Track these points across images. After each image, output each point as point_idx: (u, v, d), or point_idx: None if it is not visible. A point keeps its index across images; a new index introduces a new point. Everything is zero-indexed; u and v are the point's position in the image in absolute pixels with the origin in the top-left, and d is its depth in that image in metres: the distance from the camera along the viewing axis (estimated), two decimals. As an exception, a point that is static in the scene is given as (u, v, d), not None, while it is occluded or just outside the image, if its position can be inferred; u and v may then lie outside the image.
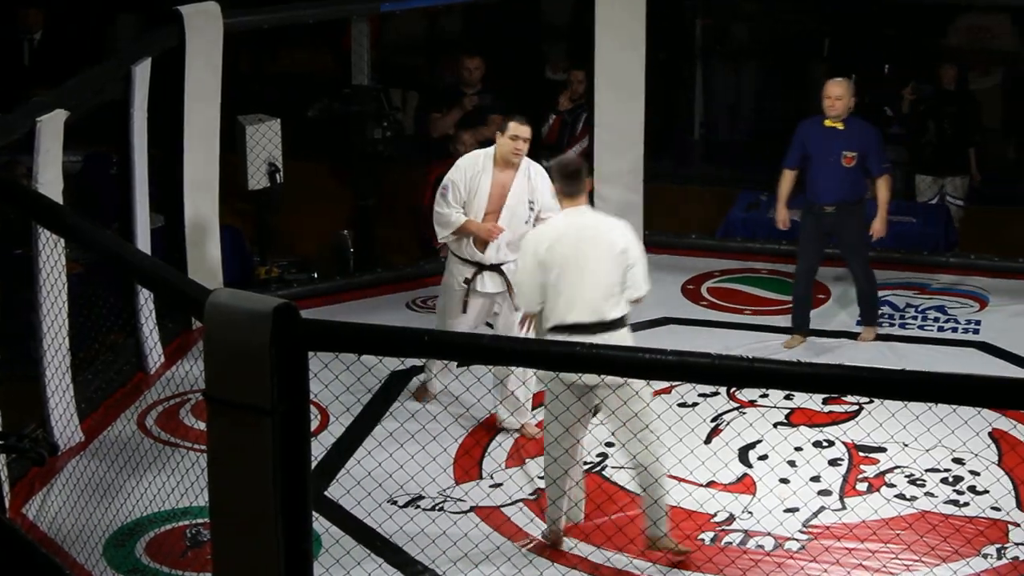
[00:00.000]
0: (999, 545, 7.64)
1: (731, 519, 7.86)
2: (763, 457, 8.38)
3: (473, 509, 7.96)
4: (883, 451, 8.38)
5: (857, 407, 8.77)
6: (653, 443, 7.44)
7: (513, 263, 8.50)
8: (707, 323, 10.08)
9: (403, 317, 10.12)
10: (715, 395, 8.94)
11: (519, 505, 8.01)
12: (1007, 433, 8.56)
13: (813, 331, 9.80)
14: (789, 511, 7.87)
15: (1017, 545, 7.62)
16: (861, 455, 8.41)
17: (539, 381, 8.28)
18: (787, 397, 8.87)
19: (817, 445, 8.49)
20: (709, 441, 8.51)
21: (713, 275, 10.78)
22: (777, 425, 8.69)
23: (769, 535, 7.71)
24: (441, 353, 7.11)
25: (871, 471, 8.27)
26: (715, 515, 7.85)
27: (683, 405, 8.75)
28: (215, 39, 9.65)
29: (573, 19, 13.10)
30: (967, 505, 7.97)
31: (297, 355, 5.59)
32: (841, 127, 9.46)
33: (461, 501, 8.02)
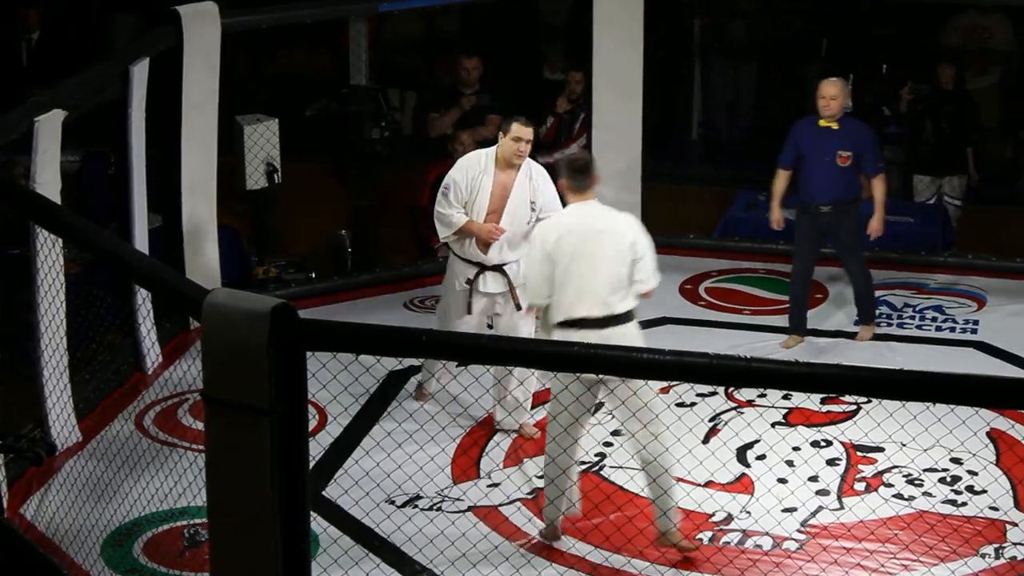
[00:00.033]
0: (997, 545, 7.64)
1: (729, 519, 7.86)
2: (761, 457, 8.38)
3: (471, 509, 7.96)
4: (881, 451, 8.38)
5: (855, 407, 8.77)
6: (663, 433, 7.47)
7: (515, 263, 8.50)
8: (705, 323, 10.08)
9: (401, 317, 10.12)
10: (713, 395, 8.94)
11: (517, 505, 8.01)
12: (1005, 433, 8.56)
13: (811, 331, 9.79)
14: (787, 511, 7.87)
15: (1015, 545, 7.62)
16: (859, 455, 8.40)
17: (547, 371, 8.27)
18: (785, 397, 8.87)
19: (815, 445, 8.48)
20: (707, 441, 8.51)
21: (711, 275, 10.78)
22: (775, 425, 8.69)
23: (767, 535, 7.71)
24: (439, 353, 7.10)
25: (869, 471, 8.27)
26: (713, 515, 7.85)
27: (681, 405, 8.74)
28: (213, 39, 9.64)
29: (571, 19, 13.09)
30: (965, 505, 7.96)
31: (295, 355, 5.59)
32: (836, 127, 9.46)
33: (459, 501, 8.02)
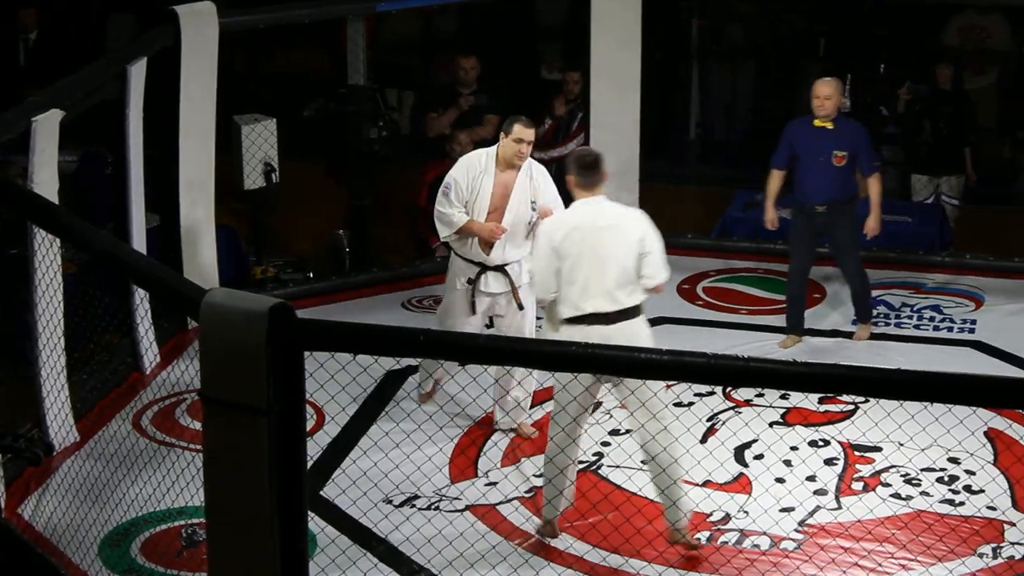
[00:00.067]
0: (995, 544, 7.64)
1: (727, 518, 7.85)
2: (759, 456, 8.38)
3: (469, 508, 7.95)
4: (879, 450, 8.38)
5: (853, 407, 8.77)
6: (672, 423, 7.49)
7: (517, 264, 8.48)
8: (703, 323, 10.07)
9: (399, 317, 10.11)
10: (711, 395, 8.94)
11: (515, 504, 8.00)
12: (1003, 432, 8.56)
13: (808, 331, 9.78)
14: (785, 510, 7.87)
15: (1013, 544, 7.62)
16: (857, 454, 8.40)
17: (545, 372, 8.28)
18: (783, 397, 8.87)
19: (813, 444, 8.48)
20: (705, 441, 8.51)
21: (709, 275, 10.78)
22: (773, 425, 8.69)
23: (765, 534, 7.71)
24: (437, 353, 7.09)
25: (867, 470, 8.26)
26: (711, 515, 7.85)
27: (679, 404, 8.73)
28: (211, 39, 9.64)
29: (568, 19, 13.10)
30: (963, 504, 7.96)
31: (293, 355, 5.59)
32: (831, 127, 9.46)
33: (457, 500, 8.01)
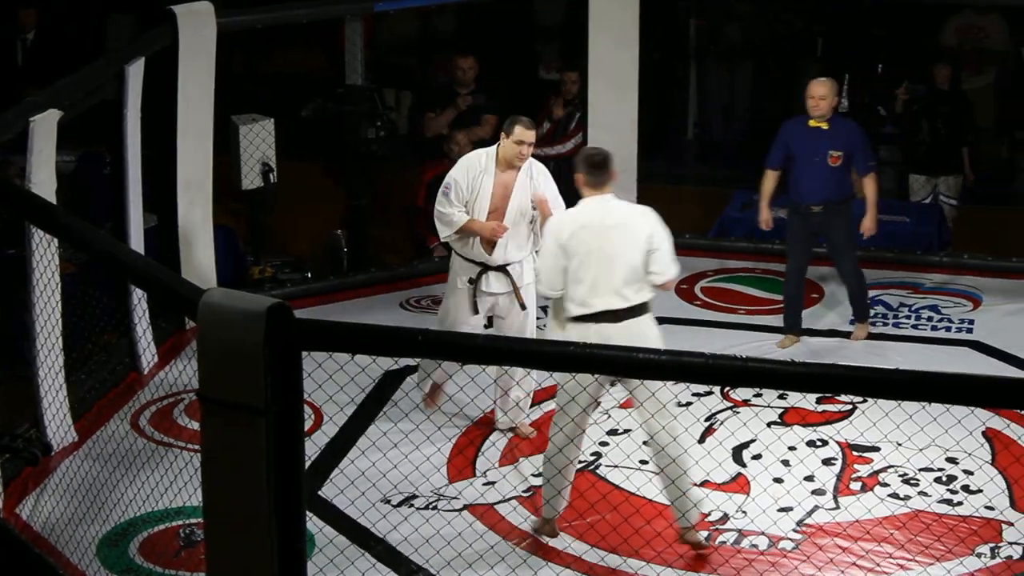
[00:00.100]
0: (993, 544, 7.64)
1: (725, 518, 7.85)
2: (757, 456, 8.38)
3: (467, 508, 7.95)
4: (877, 450, 8.38)
5: (851, 406, 8.77)
6: (681, 433, 7.49)
7: (518, 264, 8.47)
8: (701, 323, 10.07)
9: (397, 317, 10.11)
10: (709, 394, 8.94)
11: (513, 503, 8.00)
12: (1000, 432, 8.56)
13: (806, 330, 9.79)
14: (783, 510, 7.87)
15: (1011, 544, 7.62)
16: (855, 454, 8.40)
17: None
18: (781, 396, 8.87)
19: (811, 444, 8.49)
20: (703, 440, 8.51)
21: (707, 275, 10.77)
22: (771, 424, 8.69)
23: (763, 534, 7.71)
24: (435, 353, 7.09)
25: (865, 470, 8.27)
26: (709, 514, 7.84)
27: (677, 404, 8.72)
28: (208, 39, 9.64)
29: (566, 19, 13.11)
30: (961, 504, 7.96)
31: (291, 355, 5.59)
32: (826, 127, 9.46)
33: (455, 500, 8.01)
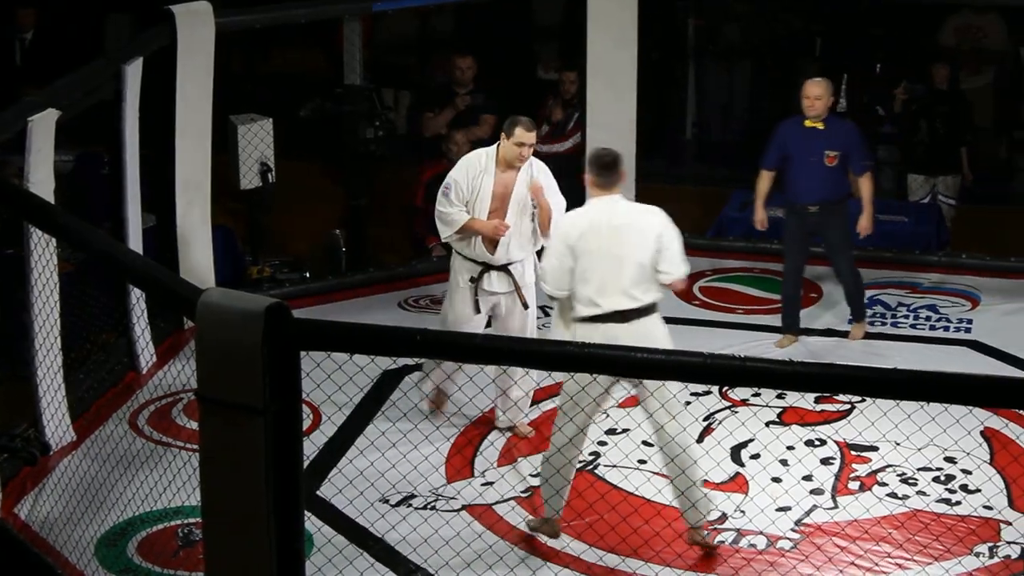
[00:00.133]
0: (991, 544, 7.64)
1: (723, 518, 7.85)
2: (755, 456, 8.38)
3: (465, 508, 7.95)
4: (875, 450, 8.38)
5: (849, 406, 8.77)
6: (687, 432, 7.50)
7: (520, 263, 8.46)
8: (699, 322, 10.07)
9: (395, 316, 10.11)
10: (707, 394, 8.94)
11: (511, 503, 8.00)
12: (998, 432, 8.55)
13: (804, 330, 9.79)
14: (781, 510, 7.87)
15: (1009, 543, 7.62)
16: (853, 454, 8.41)
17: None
18: (779, 396, 8.87)
19: (809, 444, 8.49)
20: (701, 440, 8.49)
21: (705, 274, 10.77)
22: (769, 424, 8.70)
23: (761, 534, 7.71)
24: (433, 352, 7.09)
25: (863, 470, 8.27)
26: (707, 514, 7.84)
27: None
28: (207, 38, 9.64)
29: (564, 19, 13.11)
30: (959, 504, 7.96)
31: (289, 354, 5.59)
32: (821, 127, 9.46)
33: (453, 500, 8.01)
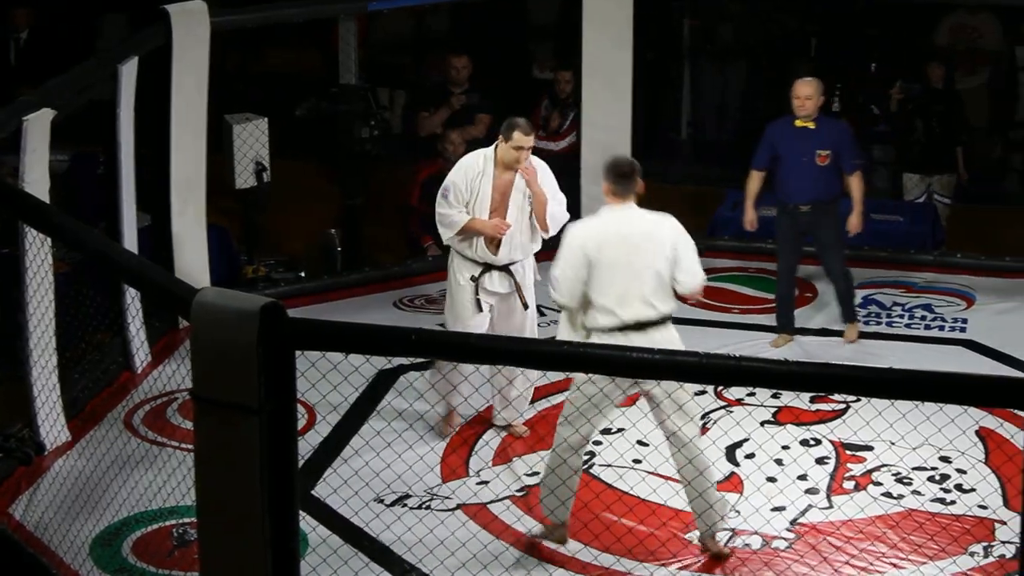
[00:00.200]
0: (986, 543, 7.65)
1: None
2: (750, 455, 8.38)
3: (460, 507, 7.95)
4: (870, 449, 8.39)
5: (844, 406, 8.77)
6: (699, 437, 7.49)
7: (520, 263, 8.46)
8: (694, 322, 10.05)
9: (390, 316, 10.11)
10: (702, 394, 8.94)
11: (506, 503, 8.00)
12: (993, 431, 8.57)
13: (799, 330, 9.79)
14: (776, 509, 7.87)
15: (1004, 543, 7.62)
16: (848, 453, 8.41)
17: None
18: (774, 396, 8.87)
19: (804, 443, 8.49)
20: (697, 440, 8.51)
21: (700, 274, 10.76)
22: (764, 424, 8.70)
23: (756, 533, 7.71)
24: (428, 352, 7.09)
25: (858, 469, 8.27)
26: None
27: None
28: (202, 38, 9.63)
29: (560, 18, 13.11)
30: (954, 503, 7.97)
31: (284, 354, 5.59)
32: (812, 126, 9.46)
33: (448, 499, 8.01)
